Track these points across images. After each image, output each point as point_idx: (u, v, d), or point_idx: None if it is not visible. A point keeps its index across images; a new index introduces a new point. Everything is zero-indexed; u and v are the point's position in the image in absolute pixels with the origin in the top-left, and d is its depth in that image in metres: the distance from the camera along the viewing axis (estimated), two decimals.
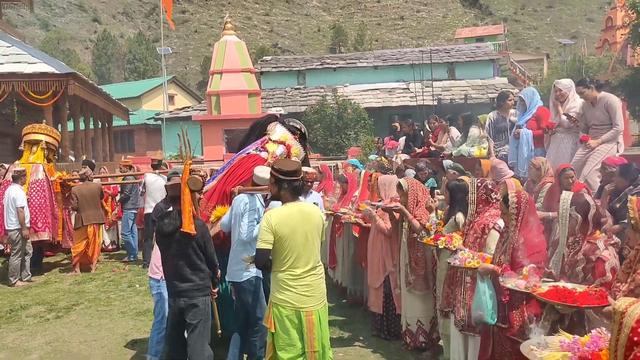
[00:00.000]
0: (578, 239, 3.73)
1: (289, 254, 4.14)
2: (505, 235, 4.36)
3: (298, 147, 6.68)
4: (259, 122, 6.96)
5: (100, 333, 7.12)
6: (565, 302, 3.18)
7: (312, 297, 4.21)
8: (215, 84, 21.68)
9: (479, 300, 4.26)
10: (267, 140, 6.54)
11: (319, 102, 23.69)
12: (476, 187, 4.95)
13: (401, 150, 11.76)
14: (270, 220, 4.14)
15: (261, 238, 4.15)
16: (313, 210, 4.33)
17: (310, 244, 4.20)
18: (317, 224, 4.26)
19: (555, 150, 7.27)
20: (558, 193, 5.61)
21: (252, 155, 6.36)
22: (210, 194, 6.01)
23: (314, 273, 4.24)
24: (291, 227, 4.13)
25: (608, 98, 6.81)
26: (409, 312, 5.95)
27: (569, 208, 3.76)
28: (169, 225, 4.77)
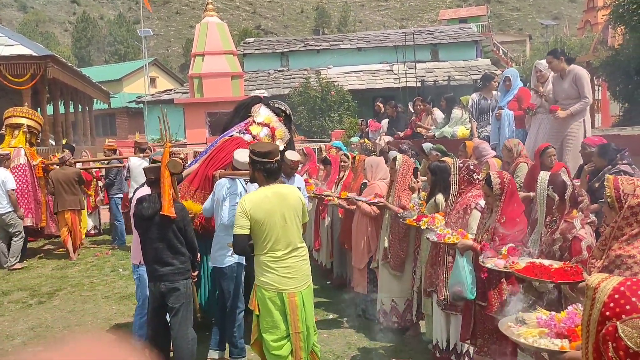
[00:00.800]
0: (555, 218, 3.78)
1: (268, 236, 4.14)
2: (487, 215, 4.41)
3: (283, 129, 6.61)
4: (243, 103, 6.88)
5: (84, 318, 7.10)
6: (542, 278, 3.23)
7: (294, 279, 4.21)
8: (197, 66, 21.46)
9: (457, 275, 4.31)
10: (251, 122, 6.46)
11: (303, 85, 23.59)
12: (458, 168, 4.99)
13: (384, 132, 11.78)
14: (245, 206, 4.14)
15: (237, 224, 4.16)
16: (289, 192, 4.31)
17: (289, 226, 4.18)
18: (294, 205, 4.24)
19: (536, 130, 7.35)
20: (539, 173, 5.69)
21: (234, 138, 6.28)
22: (192, 177, 5.94)
23: (296, 255, 4.23)
24: (266, 210, 4.12)
25: (577, 71, 6.85)
26: (384, 291, 6.01)
27: (547, 188, 3.80)
28: (148, 208, 4.73)
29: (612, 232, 2.84)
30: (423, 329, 5.93)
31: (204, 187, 5.82)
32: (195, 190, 5.81)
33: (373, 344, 5.84)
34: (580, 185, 5.12)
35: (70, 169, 10.60)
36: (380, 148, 10.12)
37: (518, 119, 7.79)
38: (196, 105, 21.65)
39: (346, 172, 7.78)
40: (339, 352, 5.64)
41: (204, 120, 21.80)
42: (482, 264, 3.99)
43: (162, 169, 4.78)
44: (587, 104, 6.80)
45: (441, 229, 4.62)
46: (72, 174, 10.48)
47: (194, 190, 5.80)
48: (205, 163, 6.01)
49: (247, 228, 4.11)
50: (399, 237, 5.84)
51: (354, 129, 16.98)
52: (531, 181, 5.86)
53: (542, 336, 2.45)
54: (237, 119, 6.69)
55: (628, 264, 2.73)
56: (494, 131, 8.12)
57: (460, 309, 4.65)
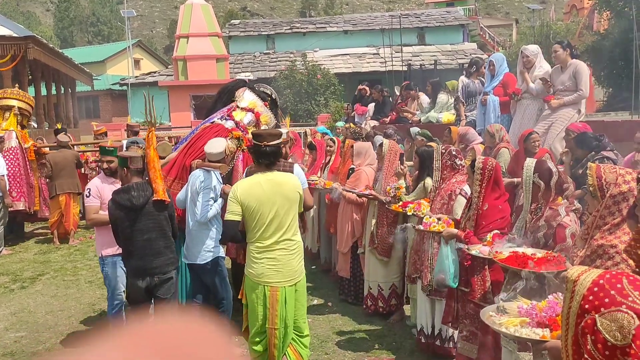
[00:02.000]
0: (541, 205, 3.80)
1: (257, 225, 4.01)
2: (470, 201, 4.42)
3: (268, 114, 6.44)
4: (226, 87, 6.69)
5: (67, 303, 7.06)
6: (524, 268, 3.25)
7: (279, 273, 4.04)
8: (182, 48, 21.22)
9: (441, 264, 4.33)
10: (234, 107, 6.27)
11: (289, 68, 23.42)
12: (441, 154, 5.00)
13: (370, 116, 11.75)
14: (236, 191, 4.05)
15: (228, 209, 4.06)
16: (286, 181, 4.13)
17: (280, 216, 4.02)
18: (288, 194, 4.06)
19: (520, 116, 7.37)
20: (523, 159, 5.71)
21: (214, 125, 6.04)
22: (170, 166, 5.69)
23: (284, 247, 4.05)
24: (257, 196, 3.99)
25: (578, 64, 6.90)
26: (371, 276, 6.04)
27: (532, 175, 3.81)
28: (138, 197, 4.49)
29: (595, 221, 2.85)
30: (408, 312, 5.98)
31: (181, 178, 5.59)
32: (173, 181, 5.58)
33: (358, 328, 5.88)
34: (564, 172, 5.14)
35: (69, 151, 10.33)
36: (366, 132, 10.10)
37: (503, 104, 7.80)
38: (181, 88, 21.44)
39: (332, 156, 7.75)
40: (323, 337, 5.66)
41: (188, 103, 21.61)
42: (466, 251, 4.01)
43: (150, 153, 4.63)
44: (581, 97, 6.84)
45: (427, 217, 4.64)
46: (71, 156, 10.22)
47: (171, 180, 5.57)
48: (183, 152, 5.77)
49: (238, 214, 4.00)
50: (387, 222, 5.85)
51: (340, 113, 16.92)
52: (515, 167, 5.89)
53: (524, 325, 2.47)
54: (220, 104, 6.49)
55: (610, 253, 2.75)
56: (480, 116, 8.13)
57: (444, 294, 4.68)
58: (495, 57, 8.32)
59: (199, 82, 20.86)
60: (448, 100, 9.63)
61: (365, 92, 13.18)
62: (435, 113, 9.61)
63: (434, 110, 9.70)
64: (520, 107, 7.42)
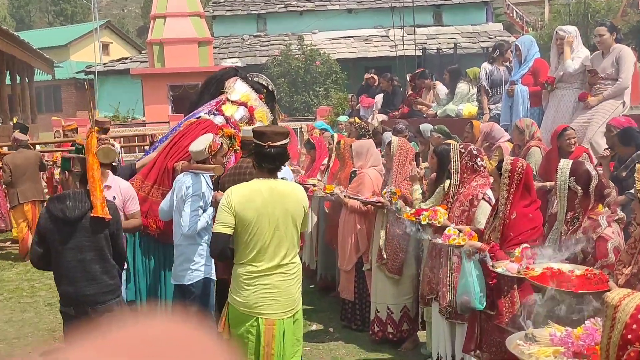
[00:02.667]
0: (578, 214, 3.79)
1: (252, 243, 3.85)
2: (496, 209, 4.42)
3: (264, 109, 6.40)
4: (214, 77, 6.67)
5: (23, 329, 7.05)
6: (560, 287, 3.24)
7: (277, 303, 3.90)
8: (158, 30, 21.23)
9: (465, 283, 4.33)
10: (223, 100, 6.23)
11: (283, 53, 23.43)
12: (459, 154, 5.00)
13: (378, 110, 11.76)
14: (231, 198, 3.87)
15: (219, 219, 3.90)
16: (291, 191, 4.02)
17: (281, 234, 3.88)
18: (293, 209, 3.94)
19: (554, 109, 7.37)
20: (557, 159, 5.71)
21: (202, 120, 5.99)
22: (148, 170, 5.66)
23: (283, 272, 3.92)
24: (257, 208, 3.84)
25: (622, 49, 6.90)
26: (379, 297, 6.03)
27: (568, 179, 3.81)
28: (74, 208, 4.28)
29: None
30: (422, 339, 5.97)
31: (162, 183, 5.56)
32: (152, 187, 5.54)
33: (364, 358, 5.86)
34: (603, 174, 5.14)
35: (31, 152, 10.18)
36: (373, 128, 10.10)
37: (534, 95, 7.80)
38: (156, 76, 21.44)
39: (331, 156, 7.74)
40: None
41: (165, 94, 21.61)
42: (491, 268, 4.01)
43: (89, 159, 4.44)
44: (621, 88, 6.83)
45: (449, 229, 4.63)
46: (34, 158, 10.00)
47: (149, 185, 5.54)
48: (164, 152, 5.72)
49: (230, 226, 3.84)
50: (398, 234, 5.84)
51: (343, 106, 16.94)
52: (547, 169, 5.90)
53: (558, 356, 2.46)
54: (207, 96, 6.46)
55: None
56: (506, 110, 8.12)
57: (467, 317, 4.67)
58: (523, 40, 8.33)
59: (177, 70, 20.86)
60: (469, 90, 9.63)
61: (372, 81, 13.18)
62: (454, 105, 9.61)
63: (453, 102, 9.71)
64: (553, 98, 7.42)
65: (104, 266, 4.40)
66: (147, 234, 5.61)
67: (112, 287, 4.47)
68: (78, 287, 4.34)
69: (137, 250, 5.63)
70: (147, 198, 5.59)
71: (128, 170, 5.99)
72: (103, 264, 4.40)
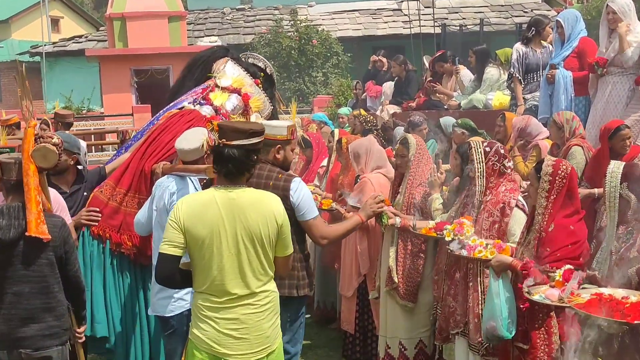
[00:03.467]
0: (632, 228, 3.79)
1: (207, 267, 3.79)
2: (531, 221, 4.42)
3: (261, 97, 6.37)
4: (199, 58, 6.63)
5: None
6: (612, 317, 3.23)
7: (243, 341, 3.83)
8: (120, 2, 21.27)
9: (491, 307, 4.33)
10: (211, 87, 6.16)
11: (272, 30, 23.46)
12: (484, 153, 5.00)
13: (388, 100, 11.76)
14: (179, 211, 3.82)
15: (165, 237, 3.83)
16: (256, 202, 3.90)
17: (244, 257, 3.80)
18: (259, 225, 3.82)
19: (604, 99, 7.36)
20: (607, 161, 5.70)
21: (186, 111, 5.89)
22: (120, 174, 5.53)
23: (250, 303, 3.84)
24: (209, 224, 3.77)
25: None
26: (389, 329, 6.00)
27: (619, 185, 3.79)
28: (8, 228, 4.13)
29: None
30: None
31: (138, 189, 5.44)
32: (126, 194, 5.43)
33: None
34: None
35: None
36: (383, 123, 10.11)
37: (579, 82, 7.80)
38: (117, 58, 21.46)
39: (331, 157, 7.71)
40: None
41: (128, 80, 21.63)
42: (527, 295, 4.01)
43: (24, 162, 4.26)
44: None
45: (474, 239, 4.62)
46: None
47: (123, 193, 5.41)
48: (140, 151, 5.57)
49: (178, 246, 3.78)
50: (412, 252, 5.82)
51: (346, 95, 16.95)
52: (595, 172, 5.90)
53: None
54: (191, 82, 6.41)
55: None
56: (545, 100, 8.12)
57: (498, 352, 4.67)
58: (566, 16, 8.30)
59: (143, 51, 20.88)
60: (500, 75, 9.64)
61: (381, 65, 13.18)
62: (482, 94, 9.61)
63: (480, 91, 9.71)
64: (603, 85, 7.41)
65: (47, 302, 4.25)
66: (120, 253, 5.48)
67: (56, 330, 4.28)
68: (12, 327, 4.18)
69: (109, 274, 5.47)
70: (119, 209, 5.46)
71: (96, 176, 5.86)
72: (45, 299, 4.24)
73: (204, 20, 27.30)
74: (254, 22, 26.68)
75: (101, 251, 5.43)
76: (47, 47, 27.29)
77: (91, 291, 5.30)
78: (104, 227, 5.40)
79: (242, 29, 26.22)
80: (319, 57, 22.76)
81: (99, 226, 5.39)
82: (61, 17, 41.86)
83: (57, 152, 4.50)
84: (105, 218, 5.40)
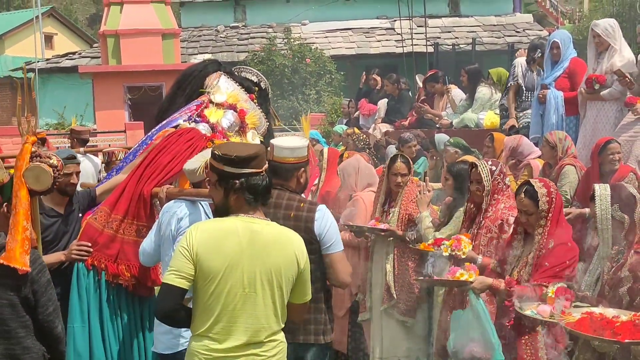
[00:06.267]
0: (623, 248, 3.81)
1: (214, 307, 3.40)
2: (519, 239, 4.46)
3: (257, 113, 6.13)
4: (191, 72, 6.33)
5: None
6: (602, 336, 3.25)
7: None
8: (113, 19, 21.28)
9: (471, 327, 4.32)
10: (205, 103, 5.84)
11: (266, 48, 23.51)
12: (490, 172, 5.04)
13: (381, 118, 11.80)
14: (192, 238, 3.43)
15: (172, 265, 3.43)
16: (281, 239, 3.54)
17: (258, 300, 3.42)
18: (280, 266, 3.46)
19: (593, 119, 7.42)
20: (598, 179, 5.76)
21: (184, 129, 5.51)
22: (115, 198, 5.16)
23: (256, 353, 3.44)
24: (227, 257, 3.39)
25: None
26: (386, 350, 5.98)
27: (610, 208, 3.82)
28: None
29: None
30: None
31: (136, 215, 5.08)
32: (122, 221, 5.05)
33: None
34: None
35: None
36: (375, 141, 10.14)
37: (569, 102, 7.85)
38: (111, 75, 21.46)
39: (321, 175, 7.71)
40: None
41: (121, 97, 21.62)
42: (519, 311, 4.03)
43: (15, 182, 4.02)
44: None
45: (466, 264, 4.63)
46: None
47: (119, 219, 5.05)
48: (137, 174, 5.21)
49: (186, 277, 3.39)
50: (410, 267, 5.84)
51: (338, 113, 16.99)
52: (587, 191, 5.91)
53: None
54: (181, 99, 6.09)
55: None
56: (536, 119, 8.17)
57: None
58: (561, 37, 8.32)
59: (136, 68, 20.89)
60: (492, 95, 9.69)
61: (374, 84, 13.22)
62: (473, 114, 9.65)
63: (472, 110, 9.76)
64: (593, 106, 7.48)
65: (10, 349, 3.75)
66: (117, 285, 5.09)
67: None
68: None
69: (105, 308, 5.10)
70: (115, 237, 5.09)
71: (86, 198, 5.57)
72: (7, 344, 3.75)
73: (197, 37, 27.35)
74: (247, 40, 26.73)
75: (97, 283, 5.05)
76: (40, 64, 27.25)
77: (89, 327, 4.99)
78: (99, 257, 5.02)
79: (236, 46, 26.26)
80: (312, 75, 22.82)
81: (93, 256, 5.01)
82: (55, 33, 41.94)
83: (52, 175, 4.20)
84: (100, 247, 5.03)
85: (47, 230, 5.12)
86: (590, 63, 7.58)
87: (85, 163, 8.87)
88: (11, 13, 49.31)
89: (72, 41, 42.80)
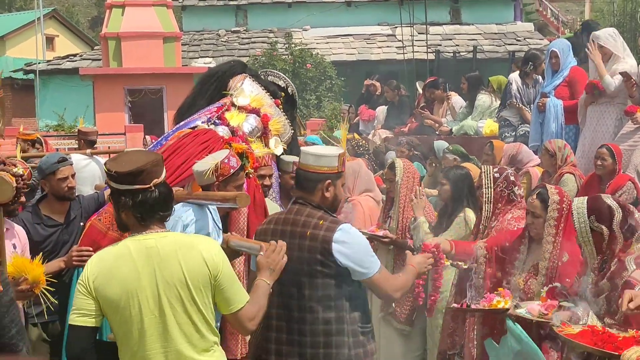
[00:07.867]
0: (607, 257, 3.82)
1: (128, 338, 3.17)
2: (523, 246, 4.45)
3: (281, 119, 5.88)
4: (214, 73, 6.16)
5: None
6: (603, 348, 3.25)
7: None
8: (115, 22, 21.29)
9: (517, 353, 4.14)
10: (227, 105, 5.63)
11: (267, 52, 23.53)
12: (493, 180, 5.02)
13: (381, 124, 11.80)
14: (86, 271, 3.20)
15: (74, 305, 3.20)
16: (182, 246, 3.23)
17: (172, 318, 3.14)
18: (184, 276, 3.14)
19: (593, 128, 7.42)
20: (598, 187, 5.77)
21: (201, 131, 5.27)
22: None
23: None
24: (122, 283, 3.13)
25: None
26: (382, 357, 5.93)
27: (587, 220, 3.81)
28: None
29: None
30: None
31: None
32: None
33: None
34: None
35: None
36: (375, 147, 10.15)
37: (569, 111, 7.86)
38: (111, 77, 21.46)
39: None
40: None
41: (122, 99, 21.62)
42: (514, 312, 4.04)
43: None
44: None
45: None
46: None
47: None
48: None
49: (90, 315, 3.15)
50: None
51: (338, 118, 16.99)
52: None
53: None
54: (203, 101, 5.85)
55: None
56: (536, 128, 8.18)
57: None
58: (559, 46, 8.33)
59: (137, 71, 20.89)
60: (491, 102, 9.70)
61: (374, 90, 13.23)
62: (473, 121, 9.66)
63: (472, 117, 9.76)
64: (593, 114, 7.48)
65: None
66: None
67: None
68: None
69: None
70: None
71: (93, 203, 5.41)
72: None
73: (199, 41, 27.37)
74: (248, 44, 26.75)
75: None
76: (41, 65, 27.30)
77: None
78: None
79: (237, 51, 26.26)
80: (312, 80, 22.82)
81: None
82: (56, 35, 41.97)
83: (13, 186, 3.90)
84: None
85: (46, 241, 5.02)
86: (592, 72, 7.58)
87: (92, 165, 8.74)
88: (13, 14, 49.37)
89: (74, 43, 42.84)
